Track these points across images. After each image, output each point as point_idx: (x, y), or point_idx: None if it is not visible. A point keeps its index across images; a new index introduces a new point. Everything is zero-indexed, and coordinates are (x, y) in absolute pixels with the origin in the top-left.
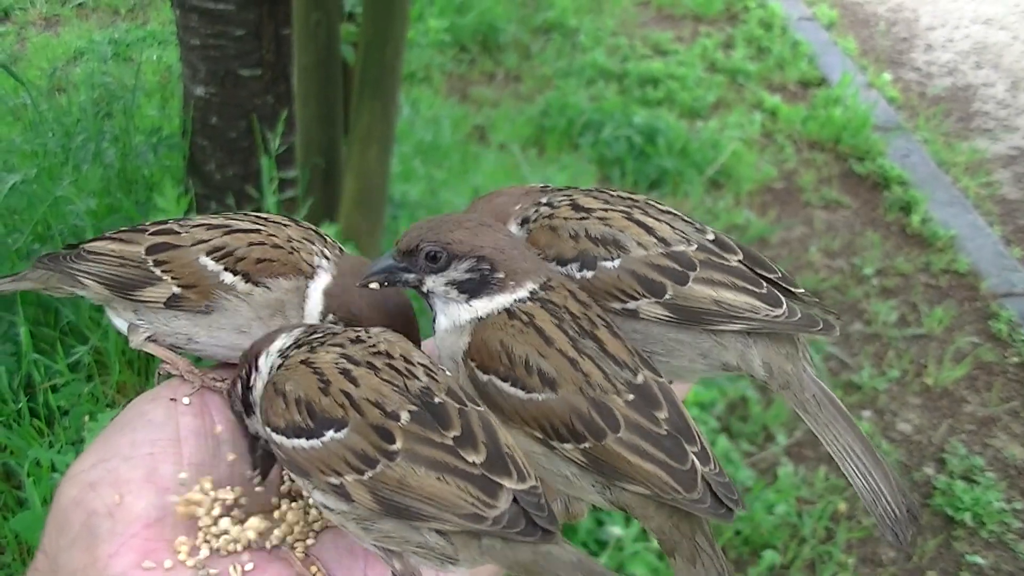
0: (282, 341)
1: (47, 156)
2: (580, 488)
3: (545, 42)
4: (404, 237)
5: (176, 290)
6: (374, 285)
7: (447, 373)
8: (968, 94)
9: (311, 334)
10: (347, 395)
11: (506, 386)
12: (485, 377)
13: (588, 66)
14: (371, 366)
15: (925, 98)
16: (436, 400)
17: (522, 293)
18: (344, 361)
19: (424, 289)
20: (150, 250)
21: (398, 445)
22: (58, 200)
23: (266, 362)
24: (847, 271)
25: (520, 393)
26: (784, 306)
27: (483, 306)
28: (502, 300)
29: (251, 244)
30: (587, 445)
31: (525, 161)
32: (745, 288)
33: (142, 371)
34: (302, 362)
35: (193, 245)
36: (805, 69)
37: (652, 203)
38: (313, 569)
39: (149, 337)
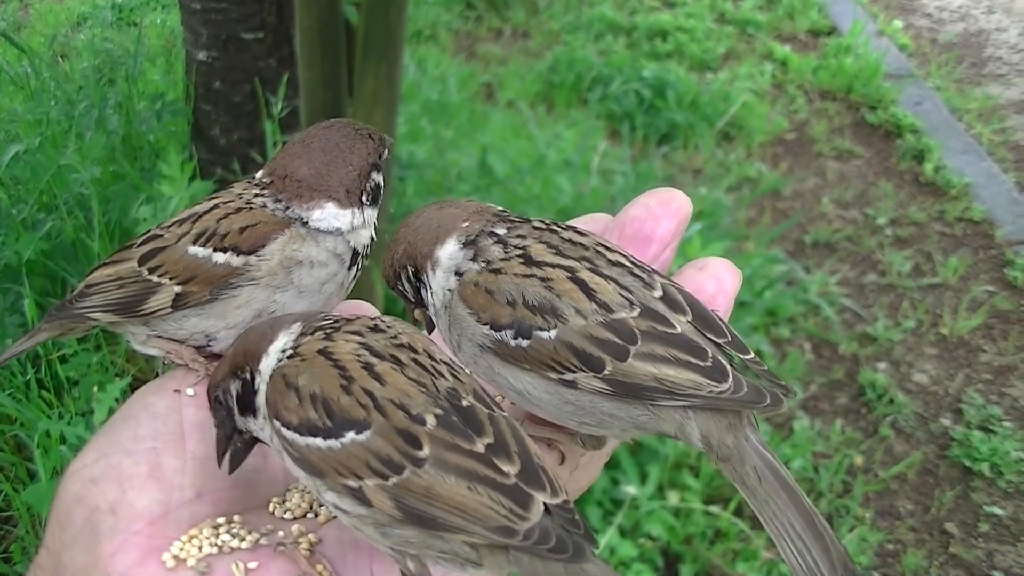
0: (282, 341)
1: (50, 125)
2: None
3: None
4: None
5: (177, 289)
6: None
7: (468, 372)
8: (980, 40)
9: (319, 321)
10: (370, 394)
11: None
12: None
13: (596, 20)
14: (395, 360)
15: (937, 45)
16: (464, 403)
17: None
18: (366, 353)
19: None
20: (142, 260)
21: (426, 451)
22: (62, 169)
23: (268, 364)
24: (860, 221)
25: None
26: (730, 380)
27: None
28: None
29: (219, 220)
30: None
31: (533, 118)
32: (688, 363)
33: None
34: (319, 352)
35: (178, 241)
36: (815, 18)
37: (603, 250)
38: (319, 567)
39: (152, 334)
